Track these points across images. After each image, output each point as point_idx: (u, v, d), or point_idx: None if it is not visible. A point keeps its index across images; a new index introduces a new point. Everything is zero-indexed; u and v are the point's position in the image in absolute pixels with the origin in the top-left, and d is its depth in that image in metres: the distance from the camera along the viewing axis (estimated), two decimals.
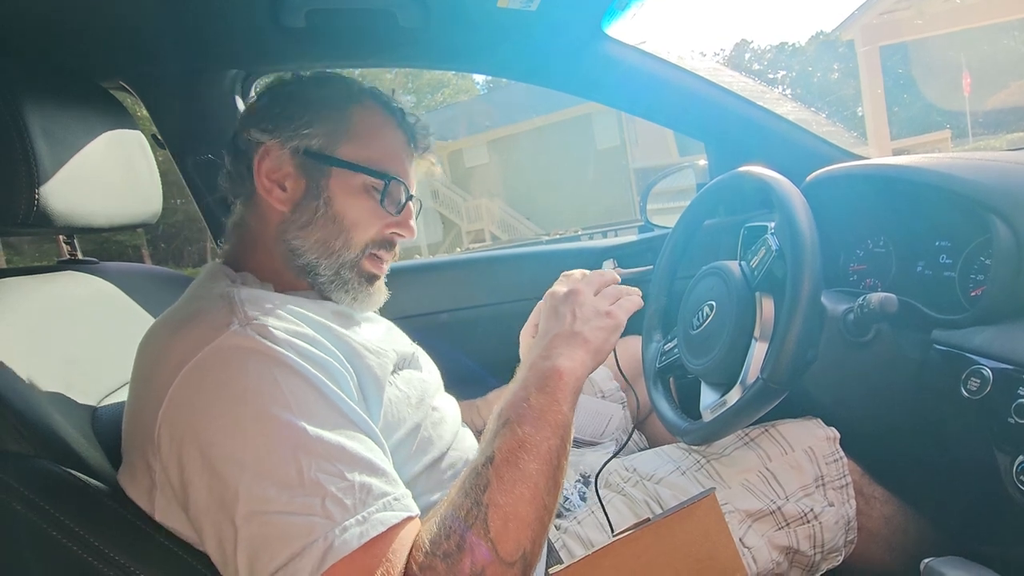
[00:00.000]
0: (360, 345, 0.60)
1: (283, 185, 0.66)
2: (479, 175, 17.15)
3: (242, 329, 0.51)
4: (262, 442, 0.47)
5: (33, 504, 0.50)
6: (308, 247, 0.66)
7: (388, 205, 0.68)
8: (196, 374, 0.50)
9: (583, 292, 0.63)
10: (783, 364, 0.63)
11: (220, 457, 0.47)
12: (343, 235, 0.66)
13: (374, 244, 0.68)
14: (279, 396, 0.48)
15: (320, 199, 0.65)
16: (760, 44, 39.13)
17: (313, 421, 0.48)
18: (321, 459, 0.47)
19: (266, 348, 0.50)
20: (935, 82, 13.76)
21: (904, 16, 8.36)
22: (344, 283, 0.67)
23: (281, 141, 0.65)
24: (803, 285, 0.63)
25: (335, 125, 0.66)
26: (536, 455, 0.51)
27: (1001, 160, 0.75)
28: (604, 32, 1.02)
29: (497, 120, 17.01)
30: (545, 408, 0.54)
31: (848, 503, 0.72)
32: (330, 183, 0.66)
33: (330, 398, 0.51)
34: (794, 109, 1.17)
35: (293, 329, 0.54)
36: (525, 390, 0.56)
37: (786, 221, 0.67)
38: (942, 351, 0.68)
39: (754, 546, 0.69)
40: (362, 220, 0.67)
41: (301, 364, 0.51)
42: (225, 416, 0.48)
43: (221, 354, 0.50)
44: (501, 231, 16.31)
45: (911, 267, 0.86)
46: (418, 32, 0.97)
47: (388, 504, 0.47)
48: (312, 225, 0.65)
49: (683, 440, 0.79)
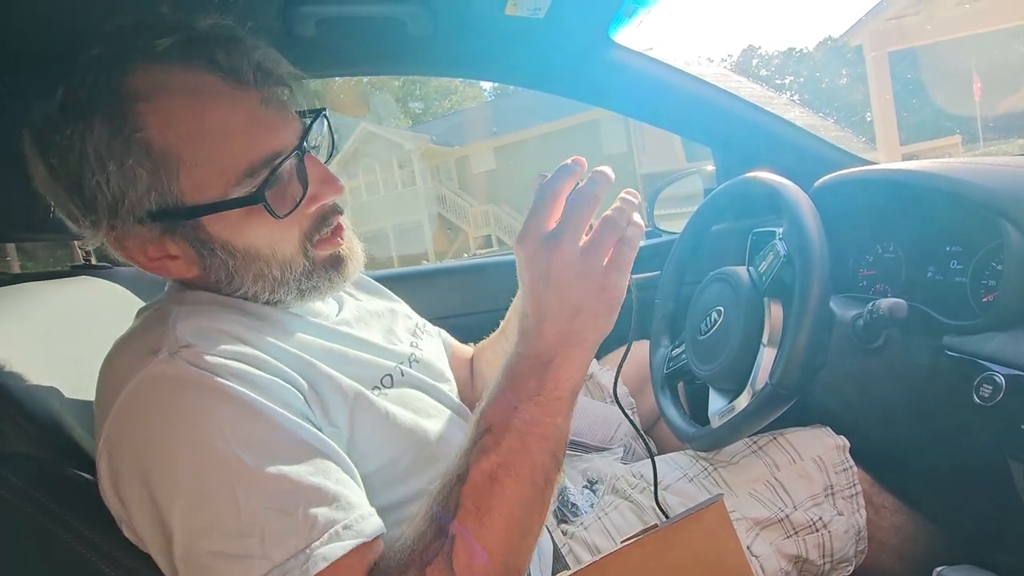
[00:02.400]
0: (320, 360, 0.54)
1: (170, 255, 0.53)
2: (486, 181, 17.21)
3: (170, 358, 0.47)
4: (196, 479, 0.43)
5: (43, 507, 0.50)
6: (255, 290, 0.55)
7: (285, 203, 0.52)
8: (125, 410, 0.46)
9: (567, 252, 0.45)
10: (792, 370, 0.62)
11: (157, 495, 0.44)
12: (272, 262, 0.54)
13: (309, 236, 0.56)
14: (212, 427, 0.44)
15: (215, 249, 0.53)
16: (768, 50, 39.13)
17: (252, 451, 0.44)
18: (260, 493, 0.43)
19: (196, 376, 0.46)
20: (945, 87, 13.68)
21: (913, 21, 8.32)
22: (313, 289, 0.58)
23: (108, 223, 0.51)
24: (812, 290, 0.63)
25: (141, 165, 0.48)
26: (519, 476, 0.44)
27: (1012, 165, 0.74)
28: (611, 39, 1.03)
29: (504, 126, 17.09)
30: (535, 419, 0.45)
31: (858, 512, 0.71)
32: (209, 231, 0.52)
33: (274, 421, 0.46)
34: (802, 114, 1.17)
35: (231, 351, 0.48)
36: (513, 392, 0.46)
37: (794, 226, 0.67)
38: (954, 357, 0.67)
39: (762, 554, 0.68)
40: (275, 237, 0.54)
41: (237, 389, 0.46)
42: (159, 453, 0.44)
43: (149, 386, 0.46)
44: (508, 236, 16.34)
45: (921, 272, 0.85)
46: (427, 40, 0.98)
47: (335, 534, 0.43)
48: (235, 273, 0.54)
49: (691, 446, 0.79)
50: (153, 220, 0.50)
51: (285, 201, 0.53)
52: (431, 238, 16.91)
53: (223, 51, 0.50)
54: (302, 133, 0.54)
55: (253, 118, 0.51)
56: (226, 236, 0.52)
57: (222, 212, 0.50)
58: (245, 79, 0.51)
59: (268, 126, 0.51)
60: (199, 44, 0.50)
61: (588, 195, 0.47)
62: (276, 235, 0.54)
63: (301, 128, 0.54)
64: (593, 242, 0.46)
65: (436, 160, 17.75)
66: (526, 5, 0.89)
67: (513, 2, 0.88)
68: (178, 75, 0.49)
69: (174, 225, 0.51)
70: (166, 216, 0.50)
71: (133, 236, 0.52)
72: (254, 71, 0.51)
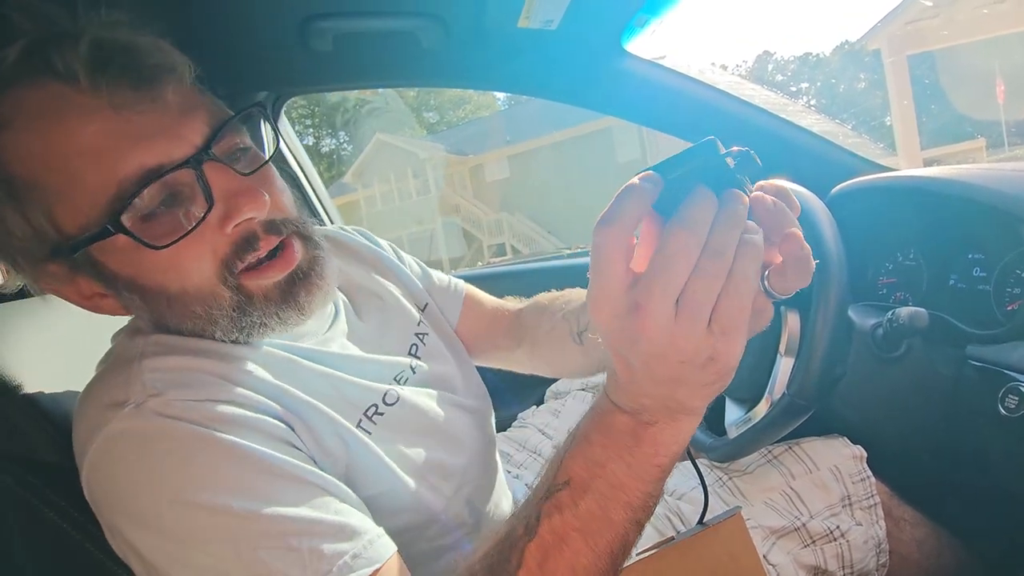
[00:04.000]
0: (309, 390, 0.50)
1: (99, 292, 0.48)
2: (500, 190, 17.27)
3: (137, 410, 0.43)
4: (187, 532, 0.41)
5: (66, 514, 0.51)
6: (192, 328, 0.48)
7: (177, 224, 0.44)
8: (99, 466, 0.43)
9: (659, 320, 0.32)
10: (810, 380, 0.61)
11: (149, 553, 0.42)
12: (186, 298, 0.47)
13: (228, 264, 0.46)
14: (193, 478, 0.41)
15: (120, 287, 0.47)
16: (783, 55, 38.85)
17: (240, 495, 0.41)
18: (258, 534, 0.40)
19: (168, 428, 0.42)
20: (966, 91, 13.42)
21: (931, 25, 8.20)
22: (259, 325, 0.49)
23: (15, 264, 0.47)
24: (830, 299, 0.62)
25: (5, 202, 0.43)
26: (595, 547, 0.38)
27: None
28: (623, 48, 1.03)
29: (518, 135, 17.17)
30: (624, 483, 0.38)
31: (877, 523, 0.70)
32: (109, 267, 0.46)
33: (259, 460, 0.43)
34: (818, 121, 1.15)
35: (205, 393, 0.45)
36: (603, 448, 0.38)
37: (811, 234, 0.66)
38: (977, 367, 0.65)
39: (779, 564, 0.67)
40: (180, 269, 0.45)
41: (215, 434, 0.42)
42: (142, 512, 0.42)
43: (120, 443, 0.43)
44: (522, 245, 16.35)
45: (943, 280, 0.84)
46: (440, 52, 1.00)
47: (345, 566, 0.40)
48: (156, 312, 0.48)
49: (708, 456, 0.78)
50: (52, 258, 0.45)
51: (180, 225, 0.44)
52: (445, 247, 17.00)
53: (57, 53, 0.41)
54: (207, 137, 0.45)
55: (111, 128, 0.42)
56: (128, 272, 0.46)
57: (103, 242, 0.43)
58: (94, 83, 0.41)
59: (135, 136, 0.42)
60: (40, 50, 0.42)
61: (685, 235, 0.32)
62: (181, 266, 0.45)
63: (207, 131, 0.45)
64: (687, 302, 0.32)
65: (450, 169, 17.88)
66: (539, 17, 0.90)
67: (526, 14, 0.89)
68: (29, 92, 0.42)
69: (74, 263, 0.46)
70: (58, 253, 0.45)
71: (48, 277, 0.47)
72: (89, 71, 0.41)
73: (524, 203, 16.79)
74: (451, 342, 0.71)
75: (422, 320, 0.69)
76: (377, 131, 17.66)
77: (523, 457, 1.06)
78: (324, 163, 22.74)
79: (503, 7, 0.87)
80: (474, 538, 0.58)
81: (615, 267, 0.33)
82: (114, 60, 0.42)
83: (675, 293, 0.32)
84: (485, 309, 0.78)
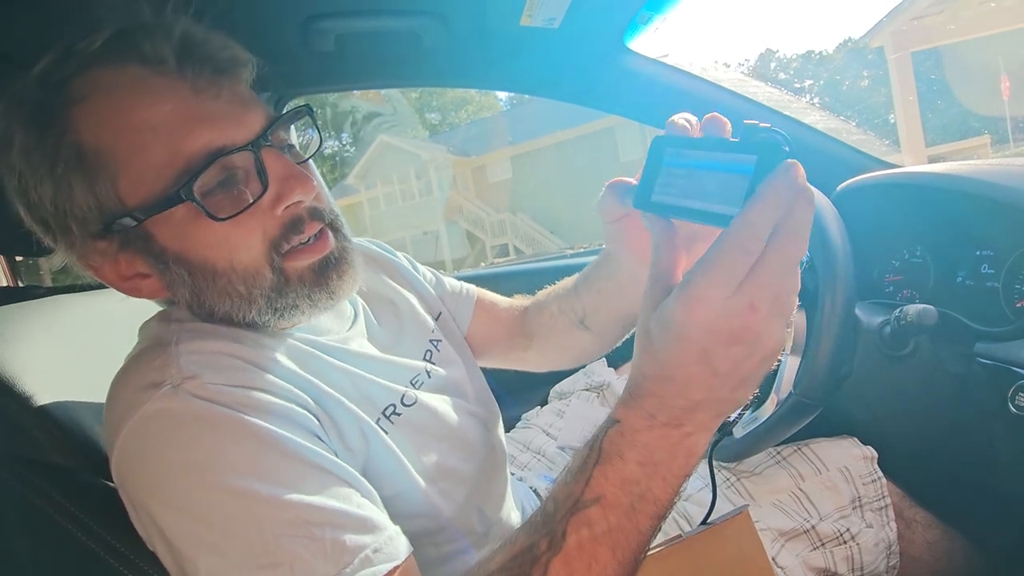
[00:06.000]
0: (333, 385, 0.52)
1: (141, 273, 0.50)
2: (503, 190, 17.28)
3: (174, 391, 0.44)
4: (215, 515, 0.41)
5: (73, 517, 0.51)
6: (225, 310, 0.50)
7: (237, 204, 0.47)
8: (132, 446, 0.44)
9: (714, 306, 0.34)
10: (817, 379, 0.61)
11: (175, 534, 0.42)
12: (232, 276, 0.48)
13: (276, 244, 0.49)
14: (225, 462, 0.42)
15: (170, 262, 0.48)
16: (786, 53, 38.70)
17: (268, 481, 0.42)
18: (283, 522, 0.41)
19: (203, 410, 0.43)
20: (971, 87, 13.35)
21: (936, 21, 8.16)
22: (291, 307, 0.51)
23: (66, 240, 0.48)
24: (836, 296, 0.61)
25: (73, 170, 0.46)
26: (622, 558, 0.38)
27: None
28: (626, 46, 1.03)
29: (520, 135, 17.17)
30: (655, 496, 0.38)
31: (888, 525, 0.69)
32: (160, 242, 0.48)
33: (287, 448, 0.44)
34: (823, 118, 1.15)
35: (239, 377, 0.46)
36: (638, 466, 0.38)
37: (816, 232, 0.66)
38: (986, 365, 0.65)
39: (788, 566, 0.67)
40: (231, 245, 0.48)
41: (247, 419, 0.44)
42: (172, 493, 0.42)
43: (155, 423, 0.44)
44: (525, 245, 16.36)
45: (951, 277, 0.83)
46: (442, 52, 1.00)
47: (366, 559, 0.41)
48: (197, 291, 0.49)
49: (714, 456, 0.77)
50: (105, 232, 0.47)
51: (237, 202, 0.47)
52: (448, 247, 17.02)
53: (148, 40, 0.46)
54: (263, 127, 0.48)
55: (187, 108, 0.46)
56: (178, 246, 0.48)
57: (162, 214, 0.46)
58: (181, 68, 0.46)
59: (207, 117, 0.46)
60: (128, 38, 0.46)
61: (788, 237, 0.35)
62: (232, 242, 0.47)
63: (264, 122, 0.49)
64: (745, 286, 0.34)
65: (453, 170, 17.90)
66: (541, 15, 0.90)
67: (528, 12, 0.89)
68: (110, 73, 0.46)
69: (127, 236, 0.48)
70: (114, 226, 0.47)
71: (95, 253, 0.49)
72: (178, 57, 0.46)
73: (527, 203, 16.79)
74: (462, 349, 0.72)
75: (436, 328, 0.70)
76: (380, 133, 17.70)
77: (527, 458, 1.06)
78: (327, 165, 22.80)
79: (505, 5, 0.87)
80: (482, 547, 0.57)
81: (670, 254, 0.39)
82: (200, 49, 0.47)
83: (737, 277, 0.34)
84: (500, 309, 0.80)
